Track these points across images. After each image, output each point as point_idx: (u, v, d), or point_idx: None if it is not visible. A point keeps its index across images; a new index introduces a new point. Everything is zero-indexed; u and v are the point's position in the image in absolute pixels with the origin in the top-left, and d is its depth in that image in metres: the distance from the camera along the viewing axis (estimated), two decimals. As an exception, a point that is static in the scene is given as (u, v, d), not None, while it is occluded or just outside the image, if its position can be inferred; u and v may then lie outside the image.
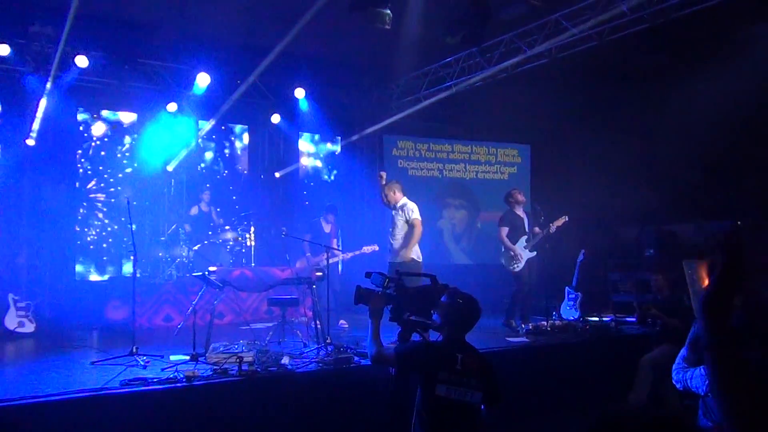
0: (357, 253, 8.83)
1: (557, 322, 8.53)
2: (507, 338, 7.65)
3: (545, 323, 8.27)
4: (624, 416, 1.60)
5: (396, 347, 3.70)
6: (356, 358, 5.96)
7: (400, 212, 7.67)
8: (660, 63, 10.14)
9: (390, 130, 11.38)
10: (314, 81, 10.87)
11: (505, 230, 8.45)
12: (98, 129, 10.59)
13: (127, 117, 10.78)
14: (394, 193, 7.76)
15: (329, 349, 6.30)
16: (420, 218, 7.60)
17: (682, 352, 3.69)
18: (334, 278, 8.27)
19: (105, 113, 10.60)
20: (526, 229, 8.52)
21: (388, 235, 7.81)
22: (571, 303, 9.31)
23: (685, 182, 10.17)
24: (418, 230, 7.55)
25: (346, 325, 8.71)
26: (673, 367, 3.71)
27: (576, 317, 9.03)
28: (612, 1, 8.02)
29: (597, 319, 9.23)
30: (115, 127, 10.74)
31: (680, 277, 5.04)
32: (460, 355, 3.53)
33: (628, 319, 9.09)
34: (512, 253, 8.38)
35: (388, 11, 7.46)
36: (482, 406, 3.55)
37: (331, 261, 7.51)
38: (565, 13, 8.57)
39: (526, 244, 8.43)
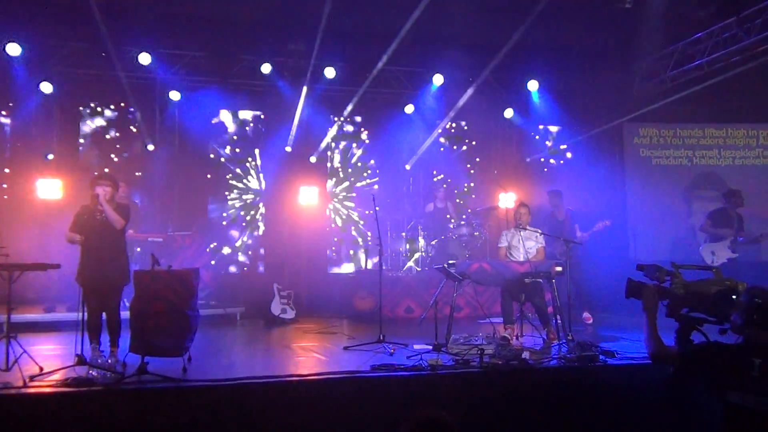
0: (592, 231, 8.77)
1: None
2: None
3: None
4: None
5: (681, 346, 3.44)
6: (602, 357, 5.66)
7: None
8: None
9: (631, 116, 10.61)
10: (547, 71, 10.60)
11: (708, 222, 8.81)
12: (344, 133, 11.52)
13: (368, 120, 11.56)
14: None
15: (571, 345, 6.08)
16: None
17: None
18: (575, 270, 8.01)
19: (349, 119, 11.46)
20: (743, 228, 8.68)
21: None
22: None
23: None
24: None
25: (590, 320, 8.42)
26: None
27: None
28: None
29: None
30: (360, 131, 11.60)
31: None
32: (759, 360, 3.13)
33: None
34: (712, 248, 8.58)
35: (631, -12, 7.01)
36: None
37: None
38: None
39: (730, 244, 8.54)
